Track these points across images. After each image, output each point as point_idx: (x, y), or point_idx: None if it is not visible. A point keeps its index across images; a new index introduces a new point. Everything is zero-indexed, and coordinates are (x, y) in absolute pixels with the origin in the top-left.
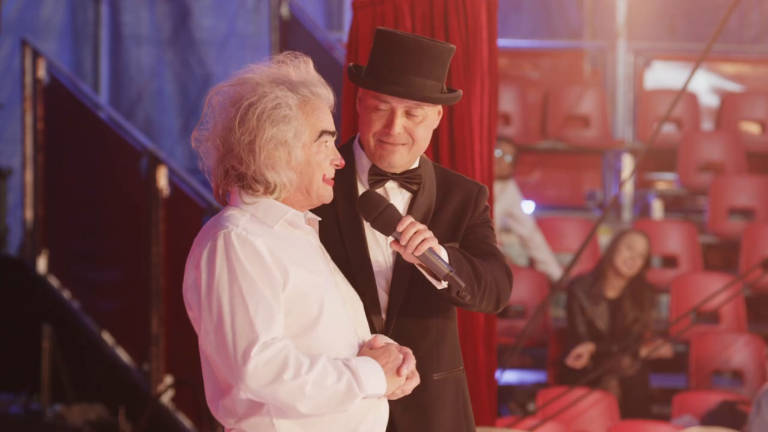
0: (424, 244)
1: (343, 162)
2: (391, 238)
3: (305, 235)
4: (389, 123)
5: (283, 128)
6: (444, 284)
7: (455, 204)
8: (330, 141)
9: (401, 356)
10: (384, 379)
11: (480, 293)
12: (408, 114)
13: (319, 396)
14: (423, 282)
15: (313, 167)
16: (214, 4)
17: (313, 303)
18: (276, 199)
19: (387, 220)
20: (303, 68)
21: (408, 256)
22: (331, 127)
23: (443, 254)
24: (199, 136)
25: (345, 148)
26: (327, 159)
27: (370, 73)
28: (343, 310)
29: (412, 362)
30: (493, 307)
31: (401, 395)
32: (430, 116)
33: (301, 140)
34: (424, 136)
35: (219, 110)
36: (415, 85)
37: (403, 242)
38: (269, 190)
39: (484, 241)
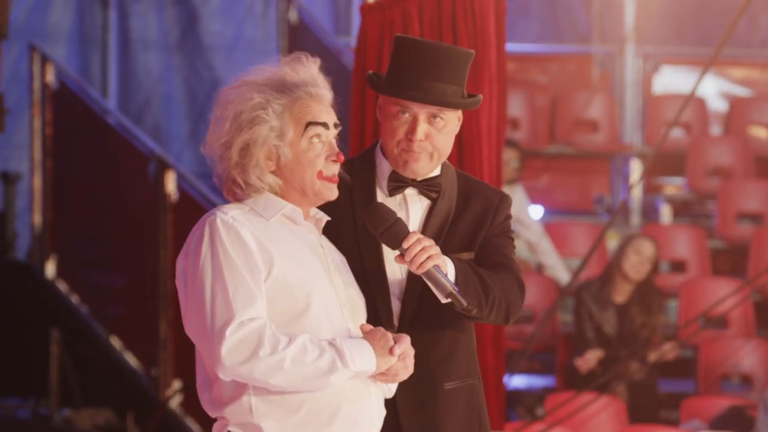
0: (428, 261)
1: (343, 156)
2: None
3: (305, 231)
4: (412, 129)
5: (258, 129)
6: (448, 300)
7: (475, 212)
8: (324, 135)
9: (391, 336)
10: (373, 355)
11: (488, 307)
12: (430, 120)
13: (297, 372)
14: (433, 297)
15: (304, 165)
16: (222, 9)
17: (299, 296)
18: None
19: (394, 235)
20: (303, 69)
21: (413, 271)
22: (321, 119)
23: (450, 269)
24: (211, 137)
25: (367, 154)
26: (321, 155)
27: (390, 80)
28: (335, 309)
29: (404, 343)
30: (502, 319)
31: (393, 381)
32: (452, 122)
33: (287, 138)
34: (445, 144)
35: (216, 111)
36: (437, 90)
37: (408, 258)
38: (249, 191)
39: (500, 252)
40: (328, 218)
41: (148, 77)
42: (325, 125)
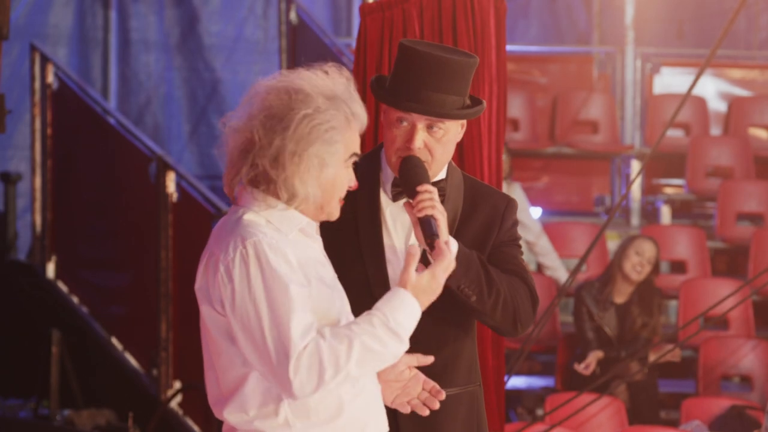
0: (428, 210)
1: (357, 184)
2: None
3: (311, 241)
4: (410, 138)
5: (329, 148)
6: (426, 247)
7: (482, 218)
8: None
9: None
10: (416, 305)
11: (491, 300)
12: (429, 129)
13: (364, 368)
14: (440, 297)
15: (336, 188)
16: (223, 10)
17: (323, 316)
18: (288, 205)
19: (415, 176)
20: (346, 85)
21: (412, 216)
22: (359, 149)
23: (453, 246)
24: (233, 123)
25: (372, 155)
26: (348, 181)
27: (392, 87)
28: (346, 318)
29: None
30: (510, 323)
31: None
32: (452, 131)
33: (338, 160)
34: (443, 153)
35: (265, 108)
36: (435, 101)
37: (415, 201)
38: (292, 199)
39: (512, 261)
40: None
41: (149, 78)
42: (358, 155)
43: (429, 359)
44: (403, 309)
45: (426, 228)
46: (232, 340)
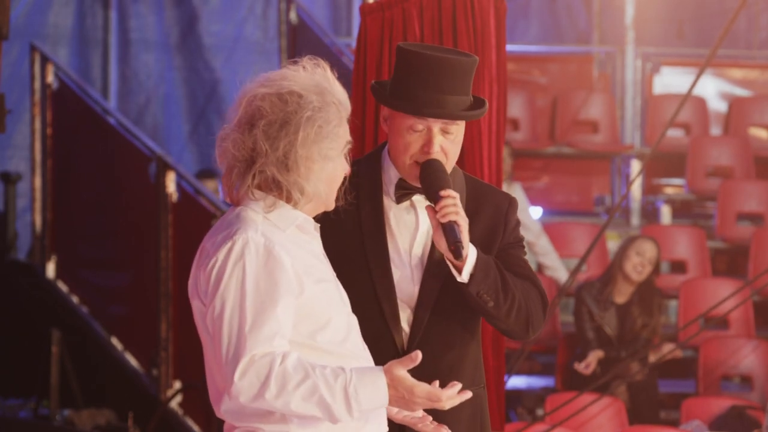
0: (451, 216)
1: (349, 170)
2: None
3: (309, 238)
4: (428, 142)
5: (331, 144)
6: (463, 278)
7: (485, 219)
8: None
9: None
10: (385, 392)
11: (506, 305)
12: (444, 132)
13: (306, 408)
14: (448, 299)
15: (338, 180)
16: (222, 10)
17: (320, 313)
18: (294, 206)
19: (436, 180)
20: (327, 76)
21: (433, 220)
22: (350, 136)
23: (472, 252)
24: (230, 134)
25: (373, 158)
26: (344, 170)
27: (400, 94)
28: (351, 318)
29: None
30: (522, 327)
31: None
32: (461, 131)
33: (339, 153)
34: (456, 153)
35: (263, 116)
36: (451, 104)
37: (438, 206)
38: (301, 199)
39: (520, 264)
40: (318, 224)
41: (149, 78)
42: (350, 143)
43: (418, 357)
44: (371, 388)
45: (449, 234)
46: None
